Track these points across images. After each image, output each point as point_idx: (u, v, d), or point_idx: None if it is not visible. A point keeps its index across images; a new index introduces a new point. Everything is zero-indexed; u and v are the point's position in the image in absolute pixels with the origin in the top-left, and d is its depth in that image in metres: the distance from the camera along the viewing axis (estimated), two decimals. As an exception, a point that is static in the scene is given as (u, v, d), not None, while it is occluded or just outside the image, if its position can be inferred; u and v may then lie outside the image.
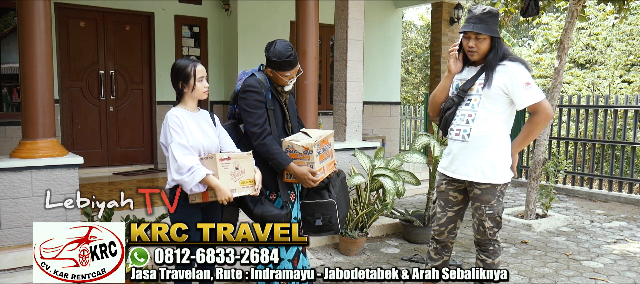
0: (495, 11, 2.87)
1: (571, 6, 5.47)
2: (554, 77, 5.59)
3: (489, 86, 2.84)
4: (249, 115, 2.89)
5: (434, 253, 3.26)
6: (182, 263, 2.82)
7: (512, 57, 2.87)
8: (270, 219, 2.84)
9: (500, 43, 2.87)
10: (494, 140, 2.89)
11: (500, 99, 2.86)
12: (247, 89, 2.91)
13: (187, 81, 2.70)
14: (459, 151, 2.97)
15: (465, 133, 2.92)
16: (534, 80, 2.94)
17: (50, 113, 3.97)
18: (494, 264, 3.02)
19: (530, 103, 2.81)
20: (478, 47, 2.87)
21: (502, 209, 3.00)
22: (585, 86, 12.76)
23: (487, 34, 2.83)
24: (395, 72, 9.75)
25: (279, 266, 3.06)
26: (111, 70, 7.34)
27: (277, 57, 2.89)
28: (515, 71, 2.81)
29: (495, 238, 3.00)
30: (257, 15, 7.82)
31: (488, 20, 2.84)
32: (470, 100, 2.93)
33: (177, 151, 2.58)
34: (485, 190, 2.92)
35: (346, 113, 5.33)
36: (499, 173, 2.90)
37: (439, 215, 3.18)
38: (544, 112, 2.84)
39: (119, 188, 6.05)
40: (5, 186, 3.73)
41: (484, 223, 2.96)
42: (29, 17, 3.83)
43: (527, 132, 2.91)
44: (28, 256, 3.75)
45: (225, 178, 2.63)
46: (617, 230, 5.55)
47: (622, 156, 7.22)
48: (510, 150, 2.96)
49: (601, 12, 12.17)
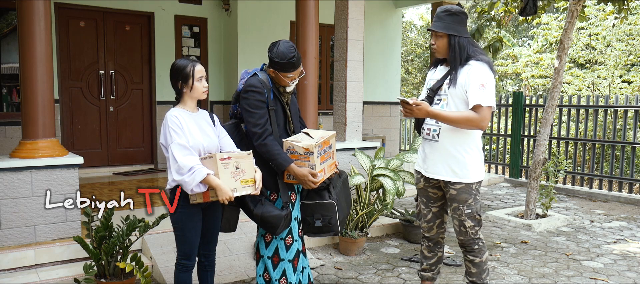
0: (456, 10, 2.91)
1: (571, 6, 5.46)
2: (554, 77, 5.59)
3: (454, 85, 2.89)
4: (250, 115, 2.89)
5: (427, 251, 3.29)
6: (181, 263, 2.82)
7: (478, 57, 2.89)
8: (270, 220, 2.84)
9: (460, 42, 2.88)
10: (462, 139, 2.91)
11: (464, 98, 2.87)
12: (248, 89, 2.91)
13: (186, 81, 2.70)
14: (430, 151, 3.03)
15: (435, 133, 2.97)
16: (494, 84, 2.87)
17: (50, 113, 3.97)
18: (482, 262, 3.04)
19: (475, 102, 2.79)
20: (437, 45, 2.94)
21: (480, 207, 3.02)
22: (585, 86, 12.76)
23: (443, 32, 2.88)
24: (395, 72, 9.75)
25: (278, 267, 3.06)
26: (111, 70, 7.34)
27: (280, 59, 2.88)
28: (477, 70, 2.83)
29: (477, 236, 3.02)
30: (257, 15, 7.82)
31: (445, 18, 2.90)
32: (440, 99, 2.97)
33: (177, 151, 2.58)
34: (460, 190, 2.94)
35: (346, 113, 5.33)
36: (470, 171, 2.93)
37: (424, 212, 3.22)
38: (480, 117, 2.79)
39: (119, 188, 6.05)
40: (5, 186, 3.73)
41: (465, 223, 2.97)
42: (29, 17, 3.82)
43: (459, 117, 2.82)
44: (28, 256, 3.75)
45: (226, 178, 2.63)
46: (617, 230, 5.55)
47: (622, 156, 7.22)
48: (480, 149, 2.99)
49: (601, 12, 12.16)
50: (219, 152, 2.71)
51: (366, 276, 4.03)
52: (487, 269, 3.08)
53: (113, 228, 3.38)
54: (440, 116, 2.85)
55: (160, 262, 3.82)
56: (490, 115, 2.84)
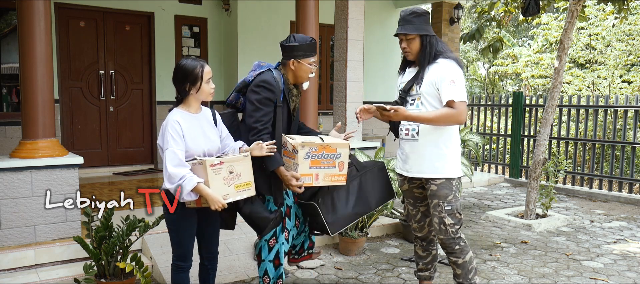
0: (421, 11, 2.93)
1: (571, 6, 5.46)
2: (554, 77, 5.59)
3: (422, 84, 2.91)
4: (255, 110, 2.85)
5: (421, 250, 3.31)
6: (177, 264, 2.80)
7: (445, 54, 2.91)
8: (256, 221, 2.81)
9: (431, 40, 2.90)
10: (442, 134, 2.94)
11: (436, 95, 2.89)
12: (262, 84, 2.86)
13: (195, 83, 2.64)
14: (410, 150, 3.03)
15: (414, 132, 2.98)
16: (463, 79, 2.91)
17: (50, 113, 3.97)
18: (466, 262, 3.02)
19: (448, 98, 2.82)
20: (410, 48, 2.95)
21: (460, 205, 3.03)
22: (585, 86, 12.76)
23: (414, 33, 2.89)
24: (395, 72, 9.71)
25: (278, 269, 3.06)
26: (111, 70, 7.34)
27: (301, 42, 2.91)
28: (445, 67, 2.86)
29: (458, 235, 3.00)
30: (257, 15, 7.82)
31: (413, 20, 2.91)
32: (413, 100, 3.00)
33: (170, 160, 2.53)
34: (441, 185, 2.95)
35: (346, 113, 5.33)
36: (450, 166, 2.95)
37: (412, 213, 3.24)
38: (457, 112, 2.82)
39: (119, 188, 6.05)
40: (5, 186, 3.73)
41: (445, 220, 2.96)
42: (29, 17, 3.82)
43: (437, 116, 2.84)
44: (28, 256, 3.75)
45: (218, 185, 2.56)
46: (617, 230, 5.55)
47: (622, 156, 7.22)
48: (459, 144, 3.02)
49: (601, 12, 12.17)
50: (209, 158, 2.62)
51: (366, 276, 4.03)
52: (473, 268, 3.05)
53: (113, 228, 3.38)
54: (419, 118, 2.87)
55: (160, 262, 3.82)
56: (465, 109, 2.87)
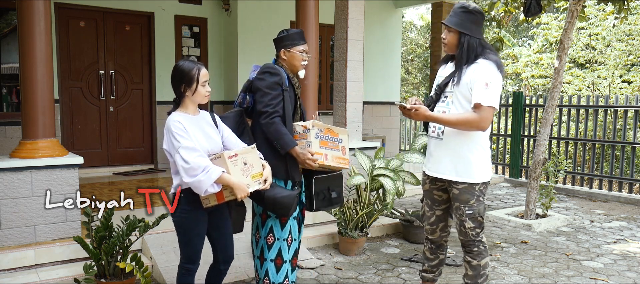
0: (473, 9, 2.86)
1: (571, 6, 5.46)
2: (554, 77, 5.59)
3: (458, 83, 2.85)
4: (264, 95, 2.94)
5: (429, 252, 3.26)
6: (185, 267, 2.80)
7: (487, 56, 2.83)
8: (282, 201, 2.84)
9: (470, 41, 2.83)
10: (467, 138, 2.86)
11: (469, 97, 2.81)
12: (266, 70, 3.00)
13: (190, 84, 2.63)
14: (434, 149, 3.00)
15: (440, 131, 2.94)
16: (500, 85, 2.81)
17: (50, 113, 3.97)
18: (480, 265, 2.98)
19: (476, 100, 2.74)
20: (447, 39, 2.92)
21: (484, 209, 2.95)
22: (585, 86, 12.76)
23: (454, 27, 2.85)
24: (395, 72, 9.74)
25: (281, 269, 3.06)
26: (111, 70, 7.34)
27: (287, 32, 3.08)
28: (483, 69, 2.78)
29: (478, 238, 2.95)
30: (257, 15, 7.82)
31: (461, 15, 2.87)
32: (446, 97, 2.94)
33: (187, 154, 2.50)
34: (463, 190, 2.89)
35: (346, 113, 5.33)
36: (474, 172, 2.87)
37: (428, 214, 3.18)
38: (480, 118, 2.73)
39: (119, 188, 6.05)
40: (5, 186, 3.73)
41: (464, 224, 2.92)
42: (29, 17, 3.82)
43: (457, 119, 2.78)
44: (28, 256, 3.75)
45: (238, 175, 2.61)
46: (617, 230, 5.55)
47: (622, 156, 7.22)
48: (487, 148, 2.92)
49: (601, 12, 12.17)
50: (225, 151, 2.67)
51: (366, 276, 4.03)
52: (485, 274, 2.99)
53: (113, 228, 3.37)
54: (439, 120, 2.83)
55: (160, 262, 3.82)
56: (491, 116, 2.77)
